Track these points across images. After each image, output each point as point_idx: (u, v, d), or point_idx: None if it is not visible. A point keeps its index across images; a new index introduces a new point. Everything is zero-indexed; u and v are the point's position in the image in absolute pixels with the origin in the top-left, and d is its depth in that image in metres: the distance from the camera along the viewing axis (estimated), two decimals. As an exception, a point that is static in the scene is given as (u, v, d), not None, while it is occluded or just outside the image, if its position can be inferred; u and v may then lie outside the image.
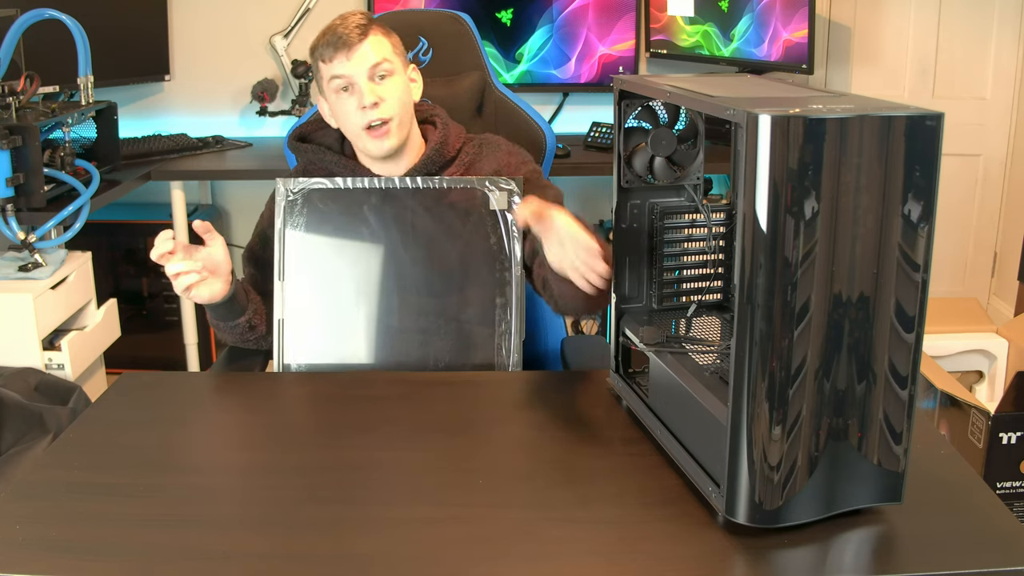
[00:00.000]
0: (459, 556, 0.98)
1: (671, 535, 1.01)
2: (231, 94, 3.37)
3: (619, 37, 3.23)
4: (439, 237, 1.55)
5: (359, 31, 1.55)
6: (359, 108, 1.55)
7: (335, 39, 1.54)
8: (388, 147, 1.58)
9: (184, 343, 3.11)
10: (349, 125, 1.59)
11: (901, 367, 0.97)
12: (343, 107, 1.57)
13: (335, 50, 1.54)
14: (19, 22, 2.27)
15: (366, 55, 1.54)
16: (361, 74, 1.55)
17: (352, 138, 1.61)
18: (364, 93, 1.54)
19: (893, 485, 1.01)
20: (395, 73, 1.58)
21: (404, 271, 1.54)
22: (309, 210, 1.55)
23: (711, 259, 1.29)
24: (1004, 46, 3.34)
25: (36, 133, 2.22)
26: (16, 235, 2.28)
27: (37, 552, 0.98)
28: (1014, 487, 2.01)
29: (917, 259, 0.94)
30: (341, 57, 1.54)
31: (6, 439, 2.00)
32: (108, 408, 1.35)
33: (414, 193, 1.56)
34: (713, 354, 1.16)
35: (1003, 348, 2.42)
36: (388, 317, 1.54)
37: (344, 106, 1.57)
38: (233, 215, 3.50)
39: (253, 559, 0.98)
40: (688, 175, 1.26)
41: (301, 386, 1.45)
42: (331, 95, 1.58)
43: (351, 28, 1.55)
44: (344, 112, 1.58)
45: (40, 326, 2.27)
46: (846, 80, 3.38)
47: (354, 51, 1.54)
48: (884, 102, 0.95)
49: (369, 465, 1.17)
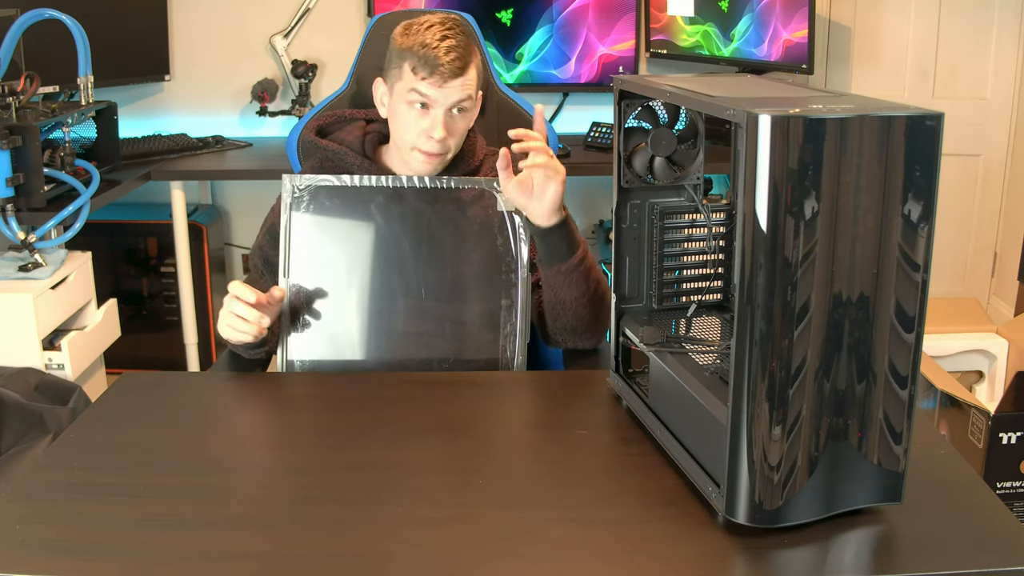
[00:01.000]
0: (459, 556, 0.98)
1: (671, 535, 1.01)
2: (231, 94, 3.37)
3: (619, 37, 3.23)
4: (446, 237, 1.55)
5: (460, 63, 1.50)
6: (425, 134, 1.53)
7: (435, 62, 1.49)
8: (434, 169, 1.58)
9: (184, 343, 3.11)
10: (406, 137, 1.56)
11: (901, 367, 0.97)
12: (408, 119, 1.54)
13: (431, 74, 1.50)
14: (19, 22, 2.27)
15: (457, 91, 1.52)
16: (444, 105, 1.53)
17: (400, 145, 1.58)
18: (437, 125, 1.52)
19: (893, 485, 1.01)
20: (472, 109, 1.58)
21: (410, 270, 1.54)
22: (315, 207, 1.54)
23: (711, 259, 1.29)
24: (1004, 46, 3.34)
25: (36, 133, 2.22)
26: (16, 235, 2.28)
27: (37, 552, 0.98)
28: (1014, 487, 2.01)
29: (917, 259, 0.94)
30: (435, 82, 1.50)
31: (6, 439, 2.00)
32: (108, 408, 1.35)
33: (421, 193, 1.55)
34: (713, 354, 1.16)
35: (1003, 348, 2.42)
36: (392, 316, 1.54)
37: (411, 121, 1.54)
38: (233, 215, 3.50)
39: (253, 559, 0.98)
40: (688, 175, 1.26)
41: (302, 386, 1.45)
42: (401, 101, 1.55)
43: (453, 57, 1.50)
44: (407, 126, 1.55)
45: (40, 326, 2.27)
46: (846, 80, 3.38)
47: (448, 84, 1.51)
48: (884, 102, 0.95)
49: (369, 465, 1.17)
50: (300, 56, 3.28)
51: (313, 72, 3.26)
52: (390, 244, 1.54)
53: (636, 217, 1.27)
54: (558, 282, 1.51)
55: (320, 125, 1.68)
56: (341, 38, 3.29)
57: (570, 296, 1.52)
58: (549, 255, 1.51)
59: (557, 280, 1.51)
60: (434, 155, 1.56)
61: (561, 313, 1.54)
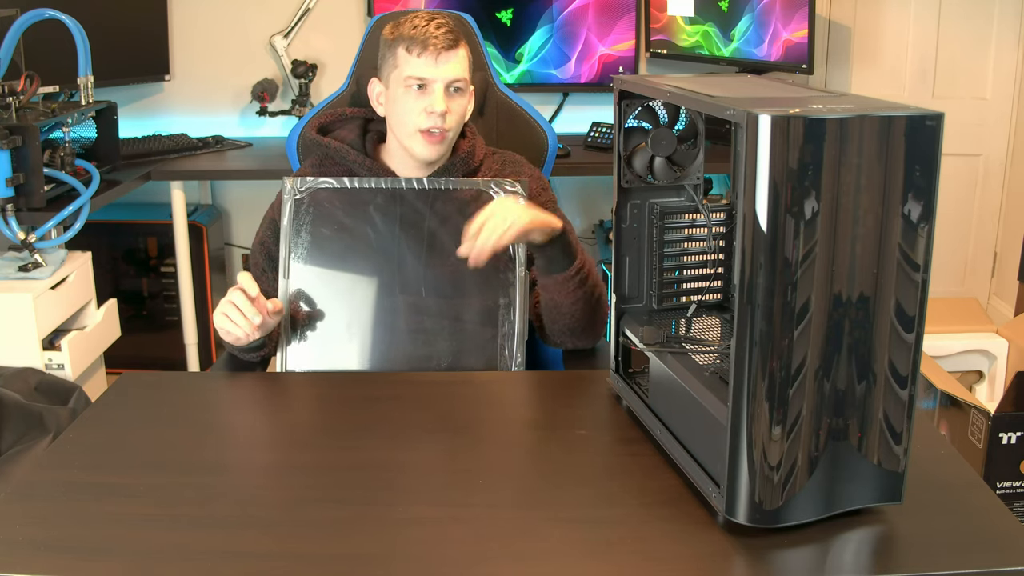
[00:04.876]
0: (459, 556, 0.98)
1: (671, 535, 1.01)
2: (231, 94, 3.37)
3: (619, 37, 3.23)
4: (444, 238, 1.55)
5: (452, 39, 1.55)
6: (426, 111, 1.56)
7: (428, 38, 1.54)
8: (437, 154, 1.60)
9: (184, 343, 3.11)
10: (407, 121, 1.58)
11: (901, 367, 0.97)
12: (408, 104, 1.57)
13: (424, 49, 1.54)
14: (19, 22, 2.27)
15: (452, 66, 1.56)
16: (441, 82, 1.55)
17: (402, 134, 1.60)
18: (437, 99, 1.55)
19: (893, 485, 1.01)
20: (466, 92, 1.61)
21: (408, 271, 1.54)
22: (315, 209, 1.55)
23: (711, 259, 1.29)
24: (1004, 46, 3.34)
25: (36, 133, 2.22)
26: (16, 235, 2.28)
27: (37, 552, 0.98)
28: (1014, 487, 2.01)
29: (917, 259, 0.94)
30: (429, 59, 1.54)
31: (6, 439, 2.00)
32: (108, 408, 1.35)
33: (420, 194, 1.56)
34: (713, 354, 1.16)
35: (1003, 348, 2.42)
36: (392, 317, 1.54)
37: (410, 103, 1.57)
38: (233, 215, 3.50)
39: (253, 559, 0.98)
40: (688, 175, 1.26)
41: (301, 386, 1.45)
42: (398, 87, 1.58)
43: (444, 33, 1.55)
44: (407, 109, 1.57)
45: (40, 326, 2.27)
46: (846, 80, 3.38)
47: (443, 57, 1.55)
48: (884, 102, 0.95)
49: (369, 465, 1.17)
50: (300, 56, 3.28)
51: (313, 72, 3.26)
52: (389, 245, 1.55)
53: (636, 217, 1.27)
54: (555, 289, 1.52)
55: (321, 123, 1.70)
56: (341, 38, 3.29)
57: (567, 301, 1.52)
58: (547, 266, 1.51)
59: (554, 287, 1.52)
60: (436, 136, 1.57)
61: (558, 316, 1.55)
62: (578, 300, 1.52)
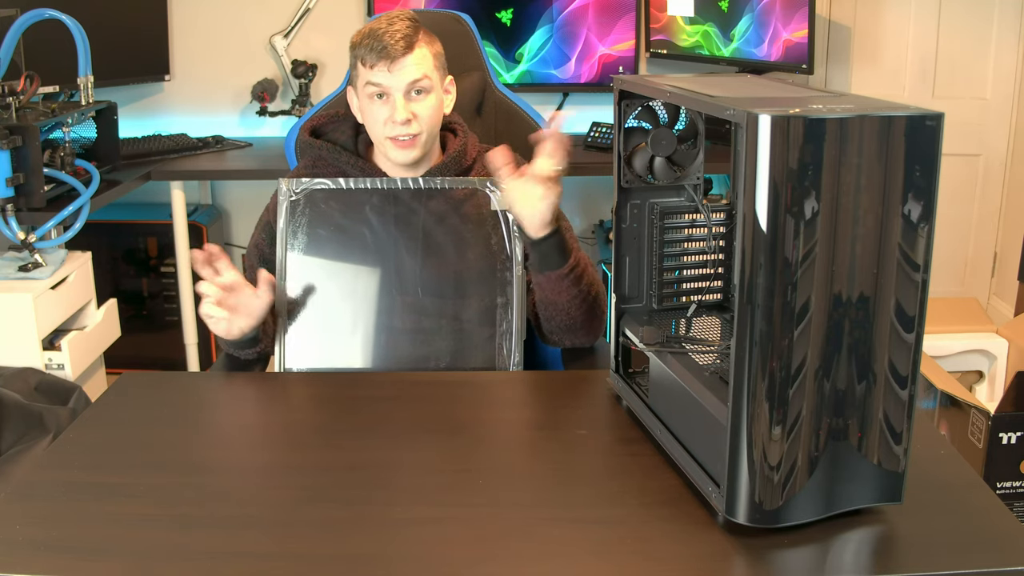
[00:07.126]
0: (459, 556, 0.98)
1: (671, 535, 1.01)
2: (231, 94, 3.38)
3: (619, 37, 3.23)
4: (440, 237, 1.55)
5: (404, 43, 1.54)
6: (390, 120, 1.56)
7: (379, 47, 1.53)
8: (412, 158, 1.59)
9: (184, 343, 3.11)
10: (376, 130, 1.59)
11: (901, 367, 0.97)
12: (373, 113, 1.58)
13: (377, 57, 1.53)
14: (19, 22, 2.27)
15: (408, 70, 1.54)
16: (399, 88, 1.55)
17: (376, 141, 1.62)
18: (398, 108, 1.55)
19: (893, 485, 1.01)
20: (432, 90, 1.59)
21: (405, 271, 1.54)
22: (311, 210, 1.55)
23: (711, 259, 1.29)
24: (1004, 46, 3.34)
25: (36, 133, 2.22)
26: (16, 235, 2.28)
27: (37, 552, 0.98)
28: (1014, 487, 2.01)
29: (917, 259, 0.94)
30: (382, 67, 1.54)
31: (6, 439, 2.00)
32: (108, 408, 1.35)
33: (415, 193, 1.56)
34: (713, 354, 1.16)
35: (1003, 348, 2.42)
36: (389, 317, 1.54)
37: (375, 113, 1.57)
38: (233, 215, 3.50)
39: (253, 559, 0.98)
40: (688, 175, 1.26)
41: (301, 386, 1.45)
42: (364, 97, 1.58)
43: (397, 39, 1.53)
44: (373, 118, 1.58)
45: (40, 326, 2.27)
46: (846, 80, 3.39)
47: (396, 64, 1.54)
48: (884, 102, 0.95)
49: (369, 465, 1.17)
50: (300, 56, 3.28)
51: (313, 72, 3.26)
52: (386, 245, 1.55)
53: (636, 217, 1.27)
54: (549, 287, 1.52)
55: (314, 126, 1.70)
56: (341, 38, 3.27)
57: (562, 299, 1.52)
58: (541, 262, 1.51)
59: (548, 285, 1.52)
60: (404, 141, 1.57)
61: (554, 314, 1.55)
62: (573, 298, 1.52)
